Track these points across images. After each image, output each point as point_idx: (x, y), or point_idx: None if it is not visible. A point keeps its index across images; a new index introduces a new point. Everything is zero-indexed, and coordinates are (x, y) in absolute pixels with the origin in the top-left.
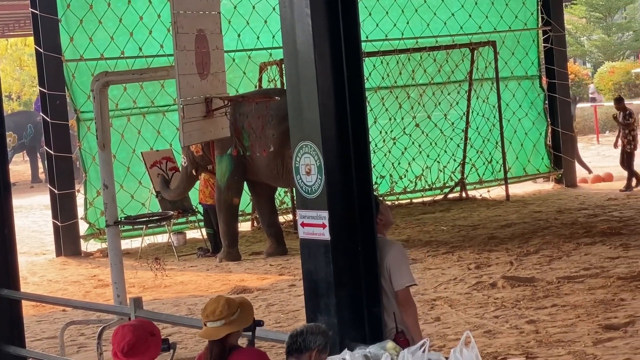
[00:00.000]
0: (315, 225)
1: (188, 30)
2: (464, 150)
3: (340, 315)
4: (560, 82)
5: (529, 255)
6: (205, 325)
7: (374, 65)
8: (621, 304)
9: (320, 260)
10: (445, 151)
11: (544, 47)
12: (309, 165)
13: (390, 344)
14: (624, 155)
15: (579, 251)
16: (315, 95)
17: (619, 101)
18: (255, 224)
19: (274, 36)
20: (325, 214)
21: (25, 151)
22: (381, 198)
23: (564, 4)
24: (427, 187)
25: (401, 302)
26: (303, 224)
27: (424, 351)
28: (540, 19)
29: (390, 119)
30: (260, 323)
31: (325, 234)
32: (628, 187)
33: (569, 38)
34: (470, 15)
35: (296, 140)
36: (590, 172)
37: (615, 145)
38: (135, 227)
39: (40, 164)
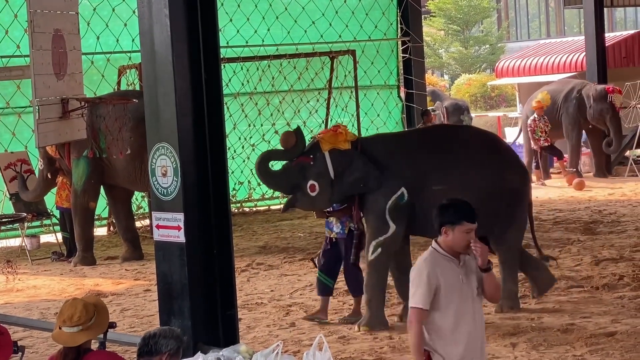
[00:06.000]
0: (171, 228)
1: (45, 30)
2: None
3: (194, 318)
4: (418, 93)
5: None
6: (60, 328)
7: (234, 71)
8: None
9: (175, 262)
10: None
11: (403, 57)
12: (165, 167)
13: (243, 347)
14: None
15: None
16: (173, 96)
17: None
18: (111, 228)
19: (133, 39)
20: (180, 216)
21: None
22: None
23: (422, 15)
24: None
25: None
26: (158, 226)
27: (277, 354)
28: (399, 30)
29: (249, 125)
30: (112, 325)
31: (180, 237)
32: None
33: (428, 50)
34: (330, 24)
35: (153, 142)
36: None
37: None
38: None
39: None
